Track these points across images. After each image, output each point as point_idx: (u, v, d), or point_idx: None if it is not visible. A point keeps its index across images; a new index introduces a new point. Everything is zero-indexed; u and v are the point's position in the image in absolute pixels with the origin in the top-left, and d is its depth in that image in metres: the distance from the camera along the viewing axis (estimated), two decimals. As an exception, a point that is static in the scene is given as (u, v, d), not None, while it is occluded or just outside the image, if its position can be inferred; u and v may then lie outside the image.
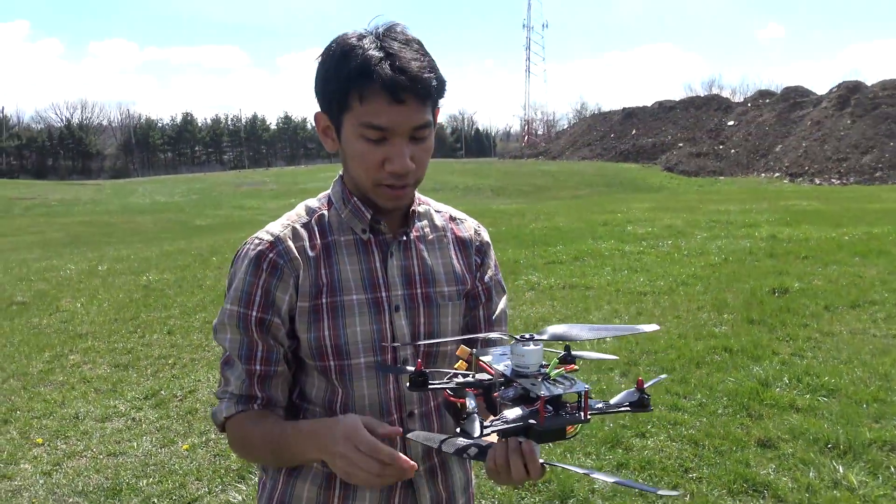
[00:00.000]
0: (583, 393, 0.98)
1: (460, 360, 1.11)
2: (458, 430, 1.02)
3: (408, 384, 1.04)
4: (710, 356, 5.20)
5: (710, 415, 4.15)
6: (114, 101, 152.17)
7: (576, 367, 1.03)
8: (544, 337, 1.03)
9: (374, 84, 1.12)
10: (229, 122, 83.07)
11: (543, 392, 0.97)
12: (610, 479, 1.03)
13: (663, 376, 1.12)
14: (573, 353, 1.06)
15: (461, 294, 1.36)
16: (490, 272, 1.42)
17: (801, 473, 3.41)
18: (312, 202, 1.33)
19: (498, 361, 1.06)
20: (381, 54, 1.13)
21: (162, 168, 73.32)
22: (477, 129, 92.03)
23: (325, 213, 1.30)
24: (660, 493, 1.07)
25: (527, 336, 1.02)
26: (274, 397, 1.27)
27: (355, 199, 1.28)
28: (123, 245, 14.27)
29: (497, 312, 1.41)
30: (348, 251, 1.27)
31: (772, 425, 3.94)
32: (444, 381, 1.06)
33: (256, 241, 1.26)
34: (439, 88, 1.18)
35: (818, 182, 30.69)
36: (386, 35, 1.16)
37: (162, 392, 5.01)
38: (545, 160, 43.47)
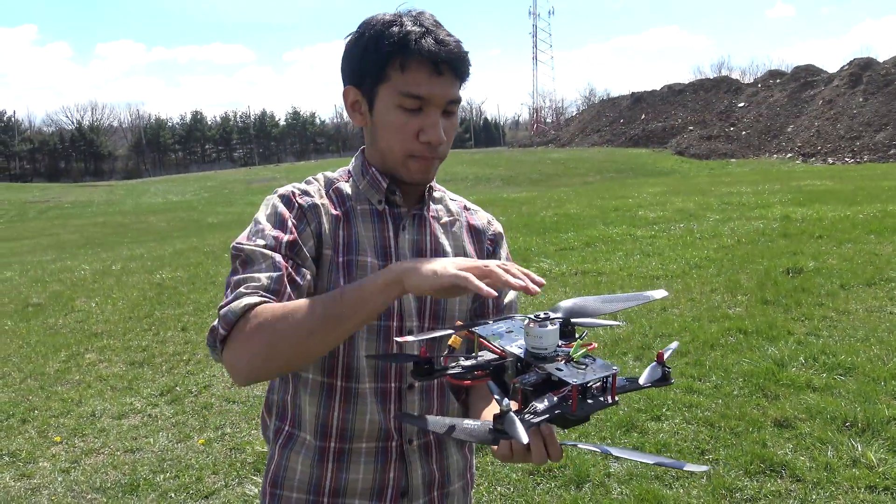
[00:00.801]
0: (611, 376, 0.93)
1: (453, 337, 1.04)
2: (495, 433, 0.93)
3: (411, 373, 0.99)
4: (724, 338, 5.17)
5: (726, 396, 4.12)
6: (123, 102, 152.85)
7: (595, 345, 0.98)
8: (559, 315, 0.99)
9: (416, 55, 1.16)
10: (238, 120, 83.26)
11: (575, 380, 0.90)
12: (627, 455, 1.00)
13: (675, 344, 1.08)
14: (573, 320, 1.02)
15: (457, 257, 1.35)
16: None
17: (819, 452, 3.38)
18: (330, 174, 1.35)
19: (508, 342, 1.00)
20: (422, 29, 1.18)
21: (173, 167, 73.67)
22: (485, 119, 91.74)
23: (343, 184, 1.32)
24: (686, 468, 1.02)
25: (542, 315, 0.97)
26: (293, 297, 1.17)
27: (374, 169, 1.29)
28: (137, 244, 14.36)
29: (507, 302, 1.39)
30: (364, 219, 1.28)
31: (788, 405, 3.91)
32: (450, 365, 1.00)
33: (284, 190, 1.27)
34: (468, 70, 1.23)
35: (831, 161, 30.38)
36: (419, 16, 1.21)
37: (177, 388, 5.03)
38: (555, 148, 43.30)
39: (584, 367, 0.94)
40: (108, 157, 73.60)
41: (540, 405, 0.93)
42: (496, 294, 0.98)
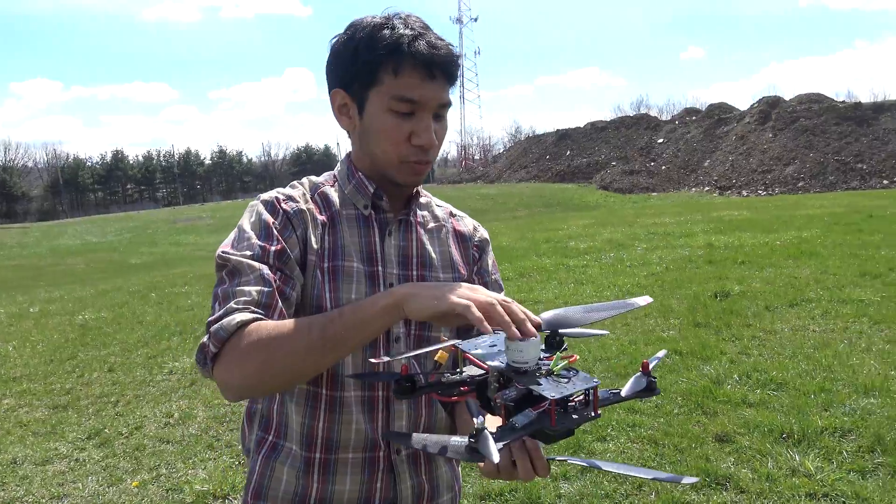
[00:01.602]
0: (592, 389, 0.91)
1: (439, 352, 1.02)
2: (470, 449, 0.91)
3: (394, 391, 0.96)
4: (661, 359, 5.27)
5: (667, 415, 4.20)
6: (39, 142, 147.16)
7: (576, 357, 0.96)
8: (541, 327, 0.98)
9: (409, 58, 1.16)
10: (161, 159, 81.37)
11: (554, 395, 0.88)
12: (618, 469, 0.99)
13: (662, 352, 1.08)
14: (561, 331, 1.00)
15: (457, 281, 1.34)
16: (489, 269, 1.41)
17: (759, 464, 3.47)
18: (315, 178, 1.33)
19: (491, 357, 0.97)
20: (414, 32, 1.18)
21: (92, 208, 71.07)
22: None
23: (328, 188, 1.30)
24: (684, 481, 1.01)
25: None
26: (283, 312, 1.14)
27: (360, 174, 1.28)
28: (55, 287, 13.72)
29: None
30: (349, 224, 1.27)
31: (727, 420, 4.01)
32: (433, 382, 0.98)
33: (267, 196, 1.25)
34: (458, 71, 1.24)
35: (746, 194, 31.80)
36: (407, 19, 1.21)
37: (106, 430, 4.79)
38: (484, 184, 43.90)
39: (565, 380, 0.92)
40: (21, 199, 70.53)
41: (519, 421, 0.91)
42: (491, 330, 0.97)
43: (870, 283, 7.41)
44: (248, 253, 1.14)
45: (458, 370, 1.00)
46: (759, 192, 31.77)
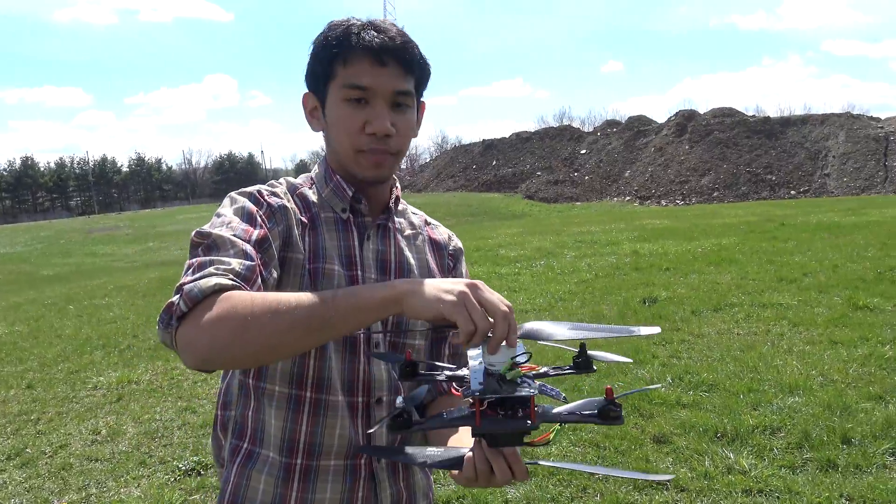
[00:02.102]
0: (530, 398, 0.91)
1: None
2: (447, 459, 0.95)
3: (397, 373, 1.00)
4: (596, 364, 5.38)
5: (606, 418, 4.28)
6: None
7: (539, 368, 0.96)
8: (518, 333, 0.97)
9: (357, 47, 1.16)
10: (75, 166, 78.02)
11: (476, 393, 0.91)
12: (602, 472, 1.01)
13: (653, 387, 1.05)
14: (589, 352, 0.99)
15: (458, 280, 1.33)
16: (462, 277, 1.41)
17: (697, 463, 3.59)
18: (292, 180, 1.31)
19: (478, 358, 0.99)
20: (365, 23, 1.19)
21: (-1, 217, 67.51)
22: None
23: (307, 190, 1.28)
24: (651, 478, 1.03)
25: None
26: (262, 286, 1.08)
27: (338, 177, 1.27)
28: (-39, 300, 12.95)
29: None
30: (328, 227, 1.25)
31: (663, 422, 4.13)
32: (435, 372, 1.02)
33: (248, 189, 1.22)
34: (422, 65, 1.21)
35: (665, 203, 32.93)
36: (374, 20, 1.21)
37: (27, 450, 4.54)
38: (411, 193, 43.94)
39: (515, 387, 0.93)
40: (-82, 208, 66.33)
41: (449, 413, 0.95)
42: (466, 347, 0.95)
43: (786, 287, 7.78)
44: (230, 232, 1.07)
45: (455, 366, 1.02)
46: (678, 201, 32.95)
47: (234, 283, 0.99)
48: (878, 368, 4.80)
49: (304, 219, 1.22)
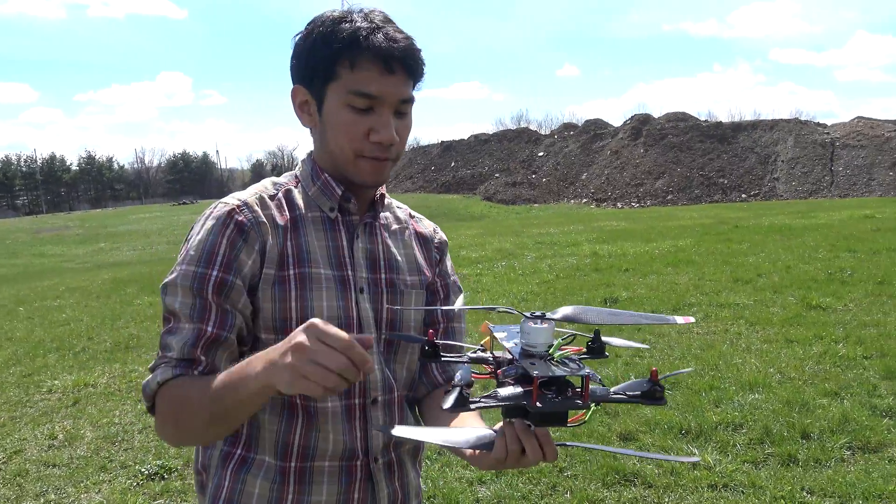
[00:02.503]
0: (584, 377, 0.91)
1: (486, 338, 1.04)
2: (482, 440, 0.95)
3: (419, 355, 1.02)
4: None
5: (572, 416, 4.33)
6: None
7: (584, 349, 0.98)
8: (556, 316, 0.97)
9: (366, 52, 1.13)
10: (22, 164, 75.68)
11: (537, 372, 0.90)
12: (631, 453, 1.01)
13: (687, 370, 1.07)
14: (603, 338, 0.99)
15: (423, 284, 1.34)
16: (448, 271, 1.41)
17: (663, 459, 3.65)
18: (278, 178, 1.29)
19: (510, 339, 1.00)
20: (372, 25, 1.14)
21: (-61, 217, 65.14)
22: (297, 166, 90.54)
23: (292, 188, 1.26)
24: (680, 460, 1.03)
25: (538, 314, 0.97)
26: (217, 367, 1.12)
27: (326, 175, 1.24)
28: None
29: (457, 311, 1.38)
30: (315, 227, 1.23)
31: (629, 420, 4.19)
32: (457, 355, 1.02)
33: (223, 204, 1.19)
34: (422, 69, 1.20)
35: (620, 206, 33.43)
36: (369, 13, 1.17)
37: (-20, 456, 4.39)
38: (369, 194, 43.79)
39: (565, 367, 0.93)
40: None
41: (503, 392, 0.93)
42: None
43: (742, 287, 7.97)
44: (185, 284, 1.12)
45: (491, 351, 1.01)
46: (633, 204, 33.49)
47: (174, 373, 1.10)
48: (833, 366, 4.95)
49: (284, 222, 1.20)
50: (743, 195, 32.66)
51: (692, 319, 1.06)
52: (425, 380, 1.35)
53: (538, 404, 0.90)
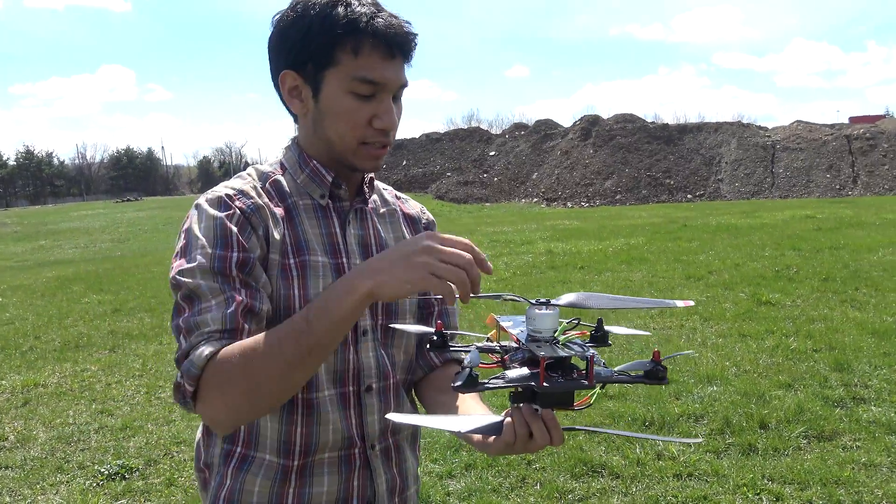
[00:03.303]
0: (589, 358, 0.93)
1: (493, 330, 1.06)
2: (493, 425, 0.96)
3: (427, 346, 1.02)
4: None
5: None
6: None
7: (587, 333, 1.00)
8: (560, 303, 0.99)
9: (369, 37, 1.10)
10: (-47, 159, 72.67)
11: (544, 353, 0.92)
12: (635, 435, 1.04)
13: (688, 352, 1.11)
14: (606, 328, 1.02)
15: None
16: None
17: (629, 451, 3.72)
18: (262, 166, 1.25)
19: (516, 327, 1.02)
20: (371, 9, 1.11)
21: None
22: (246, 163, 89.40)
23: (280, 177, 1.22)
24: (683, 441, 1.06)
25: (543, 301, 0.98)
26: (255, 331, 1.07)
27: (315, 162, 1.21)
28: None
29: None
30: (308, 215, 1.21)
31: (593, 412, 4.26)
32: (464, 345, 1.03)
33: (215, 195, 1.14)
34: (414, 52, 1.18)
35: (570, 205, 33.87)
36: None
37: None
38: (320, 192, 43.43)
39: (570, 350, 0.95)
40: None
41: (511, 374, 0.94)
42: (453, 302, 0.96)
43: (694, 284, 8.17)
44: (205, 264, 1.06)
45: (497, 342, 1.02)
46: (583, 203, 33.97)
47: (221, 344, 1.02)
48: (786, 359, 5.12)
49: (279, 210, 1.18)
50: (689, 195, 33.44)
51: (692, 303, 1.10)
52: (422, 362, 1.35)
53: (545, 384, 0.92)
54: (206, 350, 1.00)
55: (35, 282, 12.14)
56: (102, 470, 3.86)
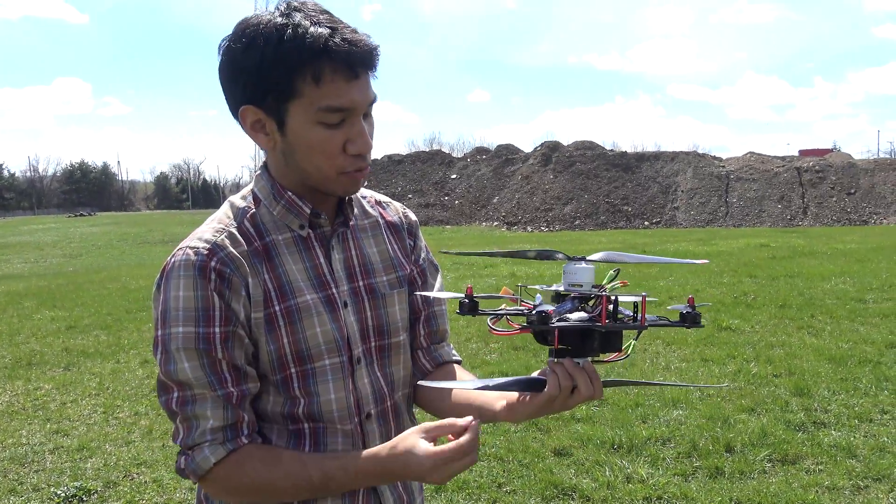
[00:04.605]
0: (642, 298, 1.02)
1: (504, 302, 1.13)
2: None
3: (458, 309, 1.08)
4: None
5: (506, 433, 4.38)
6: None
7: (627, 282, 1.07)
8: (595, 258, 1.05)
9: (329, 63, 1.04)
10: None
11: (604, 292, 1.01)
12: (667, 384, 1.08)
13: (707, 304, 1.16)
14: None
15: (403, 281, 1.31)
16: (422, 253, 1.38)
17: (599, 473, 3.73)
18: (237, 200, 1.21)
19: (547, 290, 1.09)
20: (325, 30, 1.05)
21: None
22: (204, 180, 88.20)
23: (255, 211, 1.18)
24: (710, 387, 1.13)
25: (577, 257, 1.05)
26: (253, 420, 1.15)
27: (289, 193, 1.17)
28: None
29: (434, 296, 1.38)
30: (289, 250, 1.17)
31: (562, 435, 4.27)
32: (496, 310, 1.09)
33: (190, 251, 1.10)
34: (378, 62, 1.12)
35: (530, 229, 34.16)
36: (309, 11, 1.07)
37: None
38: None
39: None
40: None
41: (573, 316, 1.01)
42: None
43: (656, 310, 8.12)
44: (190, 346, 1.07)
45: (522, 301, 1.10)
46: (543, 228, 34.29)
47: (226, 448, 1.09)
48: (747, 383, 5.21)
49: (257, 251, 1.15)
50: (646, 222, 34.04)
51: (707, 261, 1.22)
52: (415, 370, 1.35)
53: (607, 322, 0.99)
54: (210, 458, 1.08)
55: (-17, 297, 11.73)
56: (59, 492, 3.72)
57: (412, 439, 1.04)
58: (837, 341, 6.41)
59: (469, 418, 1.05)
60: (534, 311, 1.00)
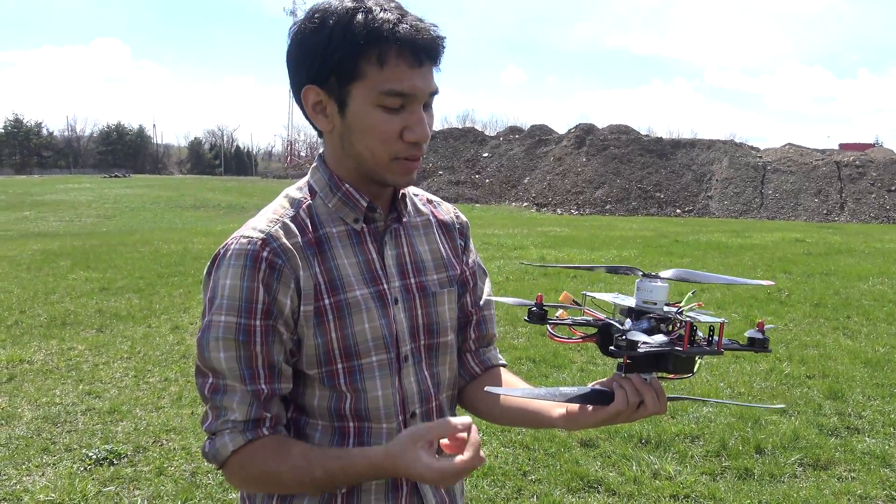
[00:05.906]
0: (721, 324, 1.01)
1: (561, 310, 1.13)
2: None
3: (526, 317, 1.10)
4: (517, 366, 5.48)
5: (532, 420, 4.36)
6: None
7: (702, 304, 1.07)
8: (667, 276, 1.05)
9: (395, 47, 1.05)
10: (-62, 122, 71.53)
11: (688, 319, 1.01)
12: (728, 402, 1.08)
13: (771, 326, 1.16)
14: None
15: (453, 280, 1.29)
16: (473, 256, 1.36)
17: (626, 467, 3.70)
18: (292, 192, 1.20)
19: (620, 299, 1.08)
20: (395, 16, 1.05)
21: None
22: (237, 147, 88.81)
23: (311, 202, 1.17)
24: (767, 407, 1.14)
25: (652, 274, 1.05)
26: (280, 415, 1.15)
27: (347, 186, 1.16)
28: None
29: (484, 297, 1.36)
30: (342, 243, 1.16)
31: (590, 429, 4.23)
32: (563, 319, 1.10)
33: (244, 240, 1.10)
34: (443, 54, 1.12)
35: (560, 212, 33.94)
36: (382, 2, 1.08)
37: None
38: (310, 181, 43.16)
39: (697, 319, 1.03)
40: None
41: (654, 340, 1.01)
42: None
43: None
44: (230, 335, 1.08)
45: (569, 318, 1.11)
46: (572, 211, 34.04)
47: (246, 440, 1.10)
48: (780, 383, 5.13)
49: (311, 242, 1.14)
50: (678, 210, 33.60)
51: (773, 283, 1.28)
52: (463, 373, 1.34)
53: (688, 347, 1.00)
54: (229, 445, 1.09)
55: (20, 254, 11.97)
56: (90, 454, 3.79)
57: (411, 454, 1.00)
58: (874, 344, 6.28)
59: (468, 419, 1.01)
60: (623, 337, 0.99)
